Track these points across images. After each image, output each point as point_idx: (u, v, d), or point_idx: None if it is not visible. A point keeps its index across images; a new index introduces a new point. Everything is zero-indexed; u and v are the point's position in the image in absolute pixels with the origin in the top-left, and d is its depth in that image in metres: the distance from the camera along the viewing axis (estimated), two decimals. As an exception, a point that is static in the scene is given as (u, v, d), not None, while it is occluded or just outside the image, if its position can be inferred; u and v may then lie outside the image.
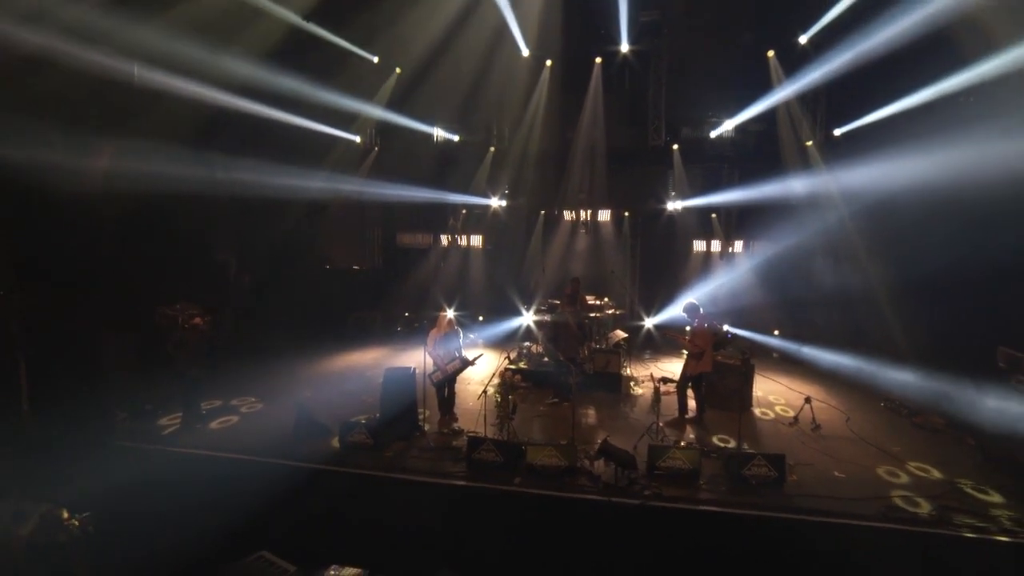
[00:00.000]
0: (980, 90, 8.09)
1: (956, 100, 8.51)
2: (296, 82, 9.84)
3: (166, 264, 9.08)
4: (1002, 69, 7.58)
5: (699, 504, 5.93)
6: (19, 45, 6.08)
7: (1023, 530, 5.37)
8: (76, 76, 6.66)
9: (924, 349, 9.23)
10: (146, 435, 7.35)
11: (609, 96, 12.02)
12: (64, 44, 6.47)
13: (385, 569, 4.70)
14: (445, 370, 7.68)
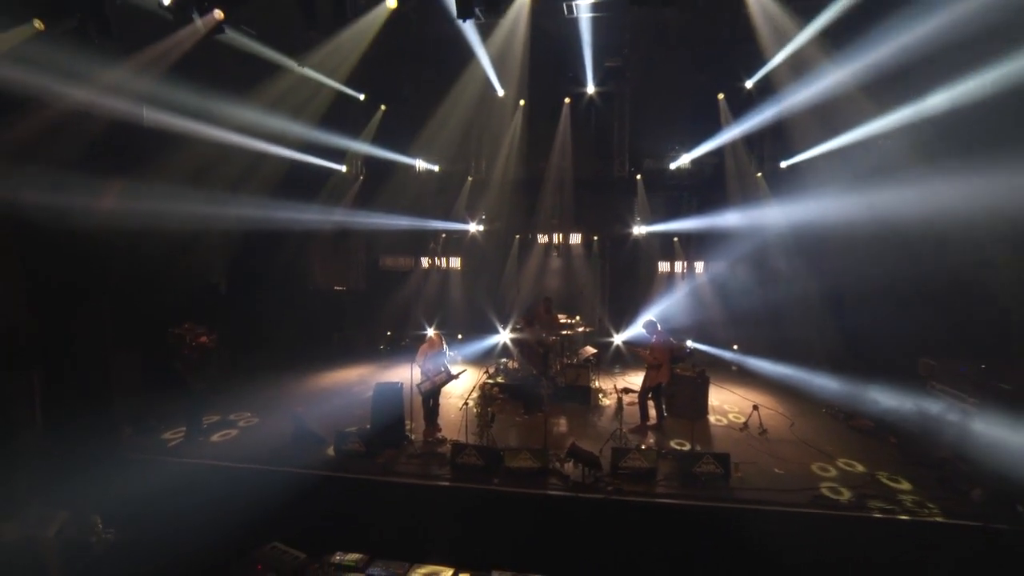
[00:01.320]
0: (895, 133, 9.30)
1: (876, 141, 9.74)
2: (288, 120, 10.68)
3: (167, 289, 9.70)
4: (908, 118, 8.79)
5: (655, 498, 6.78)
6: (65, 101, 6.79)
7: (922, 510, 6.38)
8: (98, 122, 7.37)
9: (857, 360, 10.36)
10: (152, 448, 7.96)
11: (577, 131, 13.13)
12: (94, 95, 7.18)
13: (384, 554, 5.47)
14: (434, 381, 8.46)
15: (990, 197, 6.88)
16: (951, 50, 6.61)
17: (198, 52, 7.47)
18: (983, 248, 7.43)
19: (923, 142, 8.32)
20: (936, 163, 7.84)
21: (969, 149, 7.33)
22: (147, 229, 9.05)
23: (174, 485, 6.95)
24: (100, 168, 7.57)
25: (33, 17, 6.42)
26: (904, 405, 8.74)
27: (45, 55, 6.46)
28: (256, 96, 9.99)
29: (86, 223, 8.05)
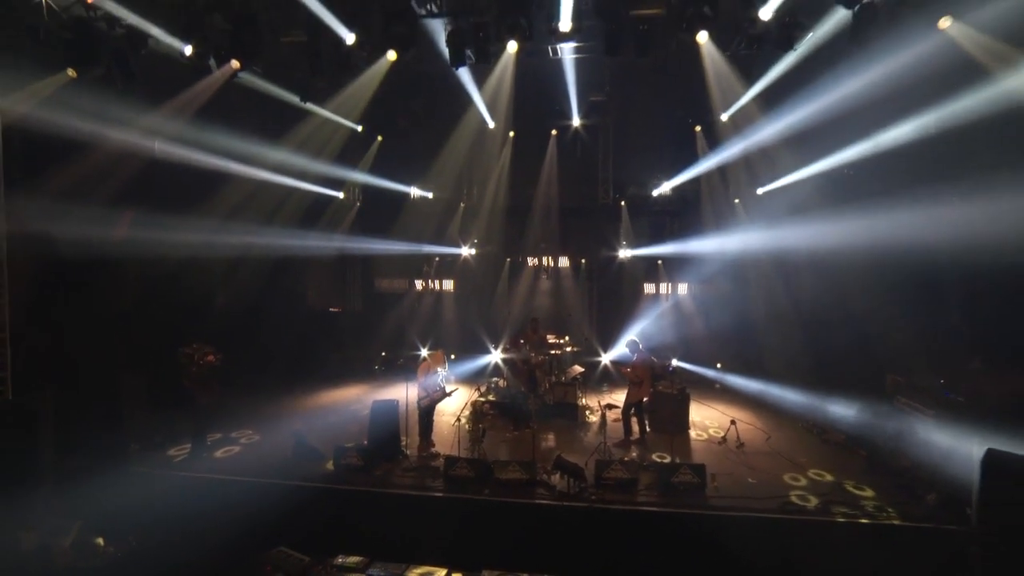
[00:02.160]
0: (857, 164, 10.03)
1: (842, 171, 10.47)
2: (290, 151, 11.35)
3: (172, 311, 10.17)
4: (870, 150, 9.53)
5: (636, 506, 7.26)
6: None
7: (882, 514, 6.90)
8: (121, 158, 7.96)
9: (830, 377, 10.91)
10: (158, 463, 8.36)
11: (564, 161, 13.86)
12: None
13: (382, 557, 5.91)
14: (432, 397, 8.95)
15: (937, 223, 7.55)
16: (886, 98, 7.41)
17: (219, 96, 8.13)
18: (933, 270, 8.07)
19: (878, 174, 9.06)
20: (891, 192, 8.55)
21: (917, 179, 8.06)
22: (155, 255, 9.58)
23: (183, 497, 7.36)
24: (120, 200, 8.06)
25: (67, 66, 7.06)
26: (872, 419, 9.27)
27: (87, 103, 7.09)
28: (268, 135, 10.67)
29: (100, 251, 8.59)
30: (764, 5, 6.00)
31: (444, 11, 6.77)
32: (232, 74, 7.77)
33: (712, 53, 7.73)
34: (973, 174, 7.21)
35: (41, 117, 7.03)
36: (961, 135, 7.16)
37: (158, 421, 9.27)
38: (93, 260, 8.54)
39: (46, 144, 7.23)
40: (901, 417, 8.84)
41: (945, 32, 6.17)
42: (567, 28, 6.48)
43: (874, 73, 6.98)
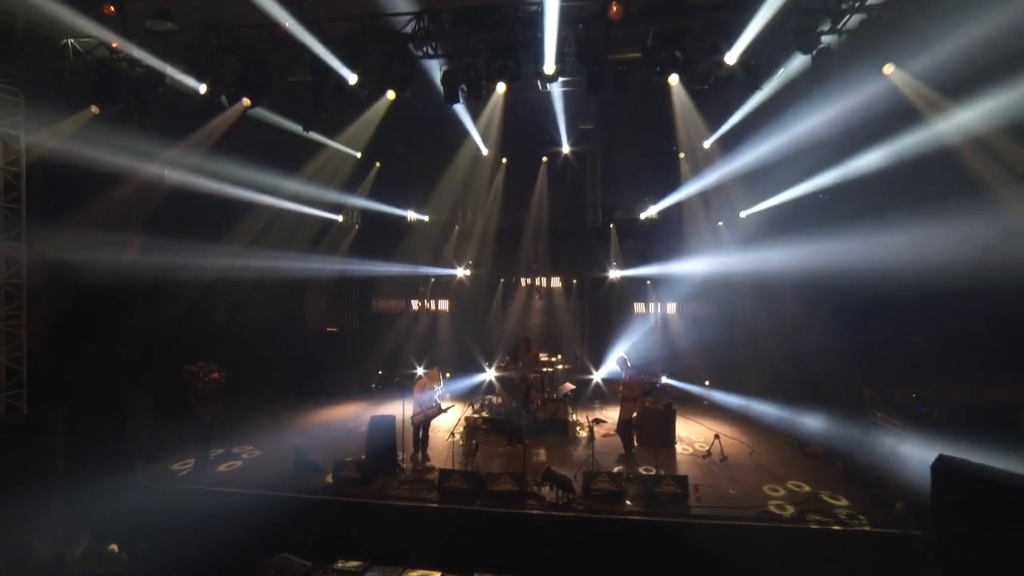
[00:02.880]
0: (830, 190, 10.61)
1: (817, 196, 11.04)
2: (293, 179, 11.94)
3: (180, 332, 10.59)
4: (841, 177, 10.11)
5: (621, 515, 7.65)
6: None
7: (853, 521, 7.30)
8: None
9: (811, 393, 11.36)
10: (162, 477, 8.70)
11: (554, 186, 14.47)
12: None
13: (380, 561, 6.27)
14: (426, 413, 9.35)
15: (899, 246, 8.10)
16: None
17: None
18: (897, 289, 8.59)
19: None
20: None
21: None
22: (162, 278, 10.03)
23: (189, 508, 7.69)
24: (132, 226, 8.56)
25: (90, 104, 7.62)
26: (843, 432, 9.71)
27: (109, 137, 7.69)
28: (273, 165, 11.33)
29: (111, 275, 9.05)
30: (729, 51, 6.61)
31: (439, 53, 7.36)
32: (243, 111, 8.34)
33: (681, 93, 8.39)
34: (932, 200, 7.77)
35: (66, 150, 7.59)
36: (918, 165, 7.74)
37: (163, 437, 9.62)
38: (104, 284, 8.99)
39: (68, 175, 7.75)
40: (872, 430, 9.31)
41: (889, 77, 6.80)
42: (551, 71, 7.06)
43: (834, 109, 7.57)
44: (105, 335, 9.21)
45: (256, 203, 11.72)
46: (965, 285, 6.75)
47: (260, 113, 8.72)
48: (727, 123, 10.61)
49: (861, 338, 10.52)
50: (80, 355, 8.97)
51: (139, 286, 9.76)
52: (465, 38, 6.98)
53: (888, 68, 6.73)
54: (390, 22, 7.15)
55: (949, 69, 6.07)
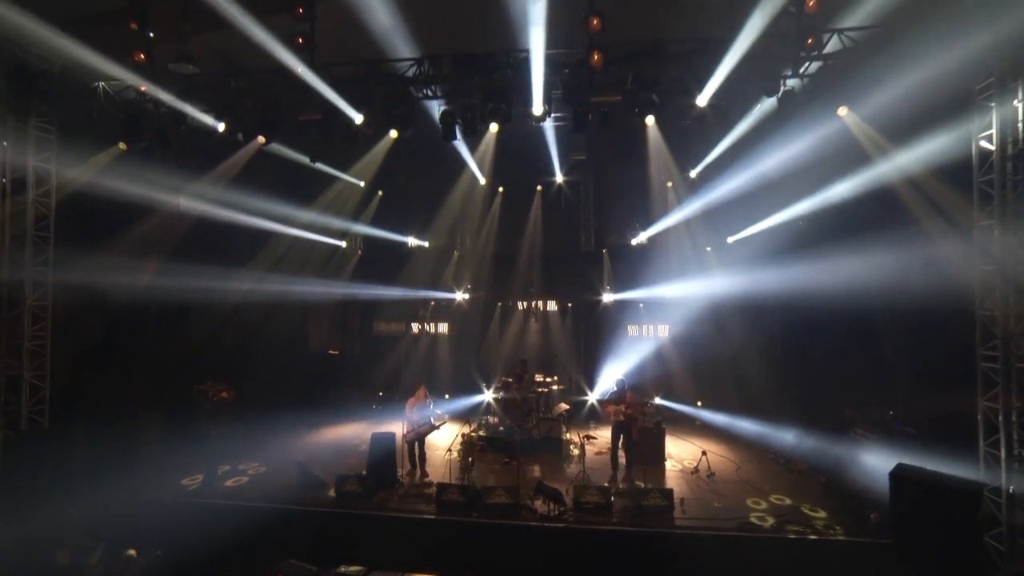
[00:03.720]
0: (809, 217, 11.22)
1: (796, 222, 11.64)
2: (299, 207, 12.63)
3: (191, 353, 11.10)
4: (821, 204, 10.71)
5: (609, 526, 8.05)
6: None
7: (829, 531, 7.70)
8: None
9: (797, 411, 11.79)
10: (172, 492, 9.11)
11: (549, 213, 15.14)
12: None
13: (382, 566, 6.68)
14: (418, 431, 9.79)
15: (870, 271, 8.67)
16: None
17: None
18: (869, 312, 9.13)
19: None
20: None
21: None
22: (175, 302, 10.58)
23: (198, 519, 8.09)
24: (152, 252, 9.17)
25: (118, 141, 8.32)
26: (830, 448, 10.11)
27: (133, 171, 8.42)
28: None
29: (127, 299, 9.61)
30: (700, 94, 7.27)
31: (438, 95, 8.04)
32: (258, 147, 9.03)
33: (656, 133, 9.12)
34: (904, 228, 8.36)
35: (94, 183, 8.29)
36: (887, 195, 8.36)
37: (172, 453, 10.04)
38: (122, 307, 9.55)
39: (94, 206, 8.39)
40: (852, 446, 9.72)
41: (843, 119, 7.47)
42: (539, 112, 7.73)
43: (806, 143, 8.23)
44: (121, 355, 9.72)
45: (266, 232, 12.37)
46: (920, 307, 7.29)
47: (273, 147, 9.38)
48: (709, 155, 11.25)
49: (839, 358, 11.05)
50: (97, 373, 9.46)
51: (154, 310, 10.29)
52: (461, 81, 7.67)
53: (842, 110, 7.41)
54: (393, 67, 7.86)
55: (889, 114, 6.74)
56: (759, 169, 10.27)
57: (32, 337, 8.47)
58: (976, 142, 6.61)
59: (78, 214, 8.83)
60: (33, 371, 8.46)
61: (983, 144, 6.54)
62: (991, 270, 6.41)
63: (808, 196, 10.28)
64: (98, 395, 9.30)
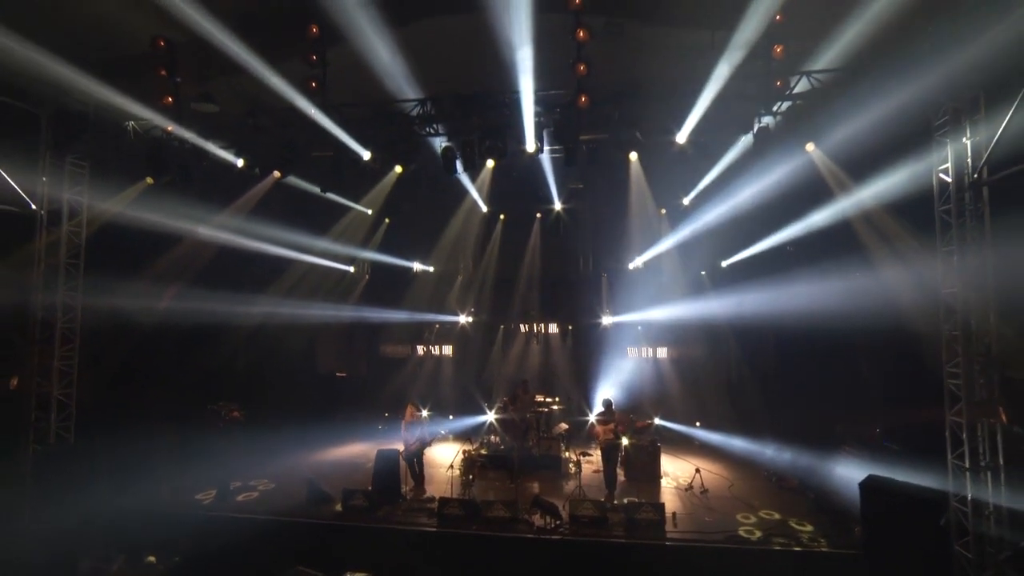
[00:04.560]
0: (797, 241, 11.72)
1: (784, 248, 12.14)
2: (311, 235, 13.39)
3: (205, 374, 11.66)
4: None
5: (603, 539, 8.42)
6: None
7: (814, 544, 8.04)
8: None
9: (786, 430, 12.13)
10: (188, 505, 9.56)
11: (548, 239, 15.73)
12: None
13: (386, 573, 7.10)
14: (409, 449, 10.26)
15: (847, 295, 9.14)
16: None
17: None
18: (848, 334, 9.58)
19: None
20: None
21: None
22: (191, 324, 11.18)
23: (213, 531, 8.55)
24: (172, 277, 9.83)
25: (146, 175, 9.07)
26: (818, 465, 10.44)
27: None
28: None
29: (146, 322, 10.23)
30: (679, 132, 7.87)
31: (440, 132, 8.70)
32: (275, 181, 9.75)
33: (637, 168, 9.80)
34: (878, 253, 8.87)
35: (123, 213, 9.05)
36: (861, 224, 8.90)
37: (187, 469, 10.52)
38: (143, 329, 10.16)
39: (122, 235, 9.10)
40: (836, 462, 10.03)
41: (810, 154, 8.05)
42: (532, 149, 8.37)
43: (780, 175, 8.81)
44: (142, 376, 10.29)
45: (281, 259, 13.07)
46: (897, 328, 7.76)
47: (287, 178, 10.09)
48: (700, 183, 11.82)
49: (830, 377, 11.44)
50: (119, 391, 10.03)
51: (174, 333, 10.89)
52: (461, 120, 8.33)
53: (810, 146, 7.98)
54: (399, 107, 8.54)
55: (857, 149, 7.31)
56: (746, 196, 10.80)
57: (61, 358, 9.08)
58: (936, 174, 7.13)
59: (107, 243, 9.51)
60: (61, 389, 9.05)
61: (942, 176, 7.07)
62: (952, 293, 6.87)
63: (792, 223, 10.80)
64: (120, 413, 9.81)
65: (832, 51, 7.21)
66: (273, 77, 8.20)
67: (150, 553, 7.46)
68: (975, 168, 6.53)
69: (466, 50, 7.98)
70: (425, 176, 10.93)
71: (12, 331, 8.60)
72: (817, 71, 7.48)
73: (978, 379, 6.59)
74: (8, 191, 8.44)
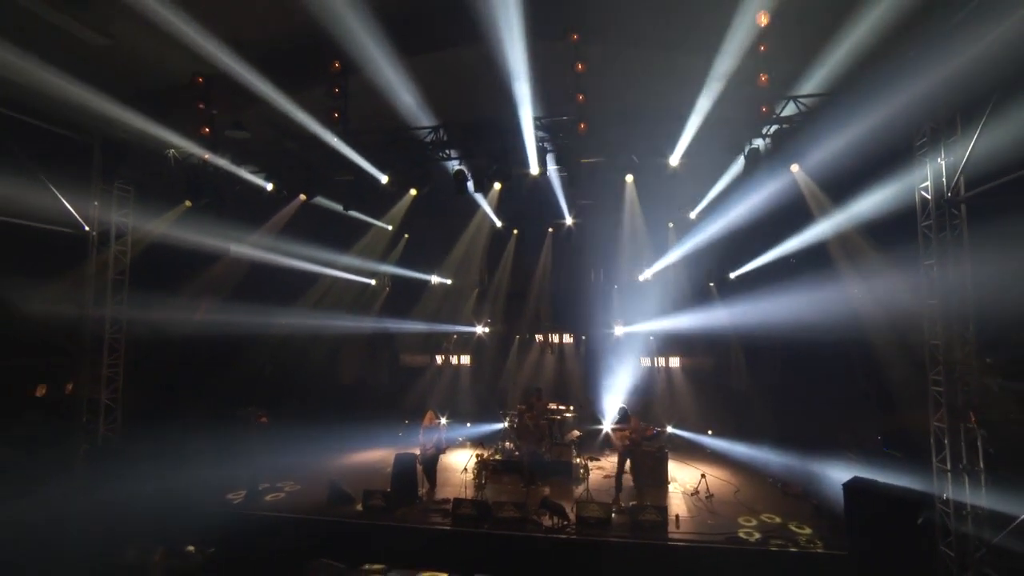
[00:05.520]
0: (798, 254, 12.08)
1: (788, 259, 12.49)
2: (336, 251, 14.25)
3: (235, 381, 12.46)
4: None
5: (608, 538, 8.88)
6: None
7: (810, 545, 8.37)
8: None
9: (794, 437, 12.40)
10: (220, 504, 10.28)
11: (560, 252, 16.33)
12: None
13: (398, 566, 7.67)
14: (426, 452, 10.84)
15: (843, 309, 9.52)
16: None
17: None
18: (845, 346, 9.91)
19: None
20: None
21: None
22: (221, 335, 12.00)
23: (243, 527, 9.24)
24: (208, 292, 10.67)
25: (185, 199, 9.96)
26: (821, 472, 10.73)
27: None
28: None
29: (182, 332, 11.06)
30: (672, 155, 8.39)
31: (451, 156, 9.37)
32: (301, 204, 10.57)
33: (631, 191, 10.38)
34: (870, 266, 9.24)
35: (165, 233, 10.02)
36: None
37: (219, 470, 11.26)
38: (178, 340, 10.99)
39: (163, 253, 10.01)
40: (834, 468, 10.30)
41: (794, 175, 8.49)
42: (535, 172, 9.01)
43: (772, 191, 9.26)
44: (179, 381, 11.12)
45: (308, 273, 13.93)
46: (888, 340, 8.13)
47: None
48: (705, 198, 12.28)
49: (828, 387, 11.75)
50: (159, 396, 10.86)
51: (209, 343, 11.71)
52: (470, 146, 9.00)
53: (795, 167, 8.42)
54: (414, 134, 9.25)
55: (841, 169, 7.74)
56: (747, 210, 11.22)
57: (108, 366, 9.96)
58: (918, 191, 7.52)
59: (150, 261, 10.40)
60: (109, 394, 9.92)
61: (923, 193, 7.45)
62: (934, 304, 7.23)
63: (792, 236, 11.20)
64: (159, 416, 10.62)
65: (817, 76, 7.67)
66: (298, 111, 8.97)
67: (189, 544, 8.16)
68: (949, 186, 6.91)
69: (472, 80, 8.66)
70: (440, 195, 11.59)
71: (67, 341, 9.48)
72: (804, 96, 7.94)
73: (959, 386, 6.93)
74: (64, 214, 9.36)
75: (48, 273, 9.23)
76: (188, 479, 10.39)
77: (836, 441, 11.13)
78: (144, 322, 10.34)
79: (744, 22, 6.82)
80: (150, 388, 10.77)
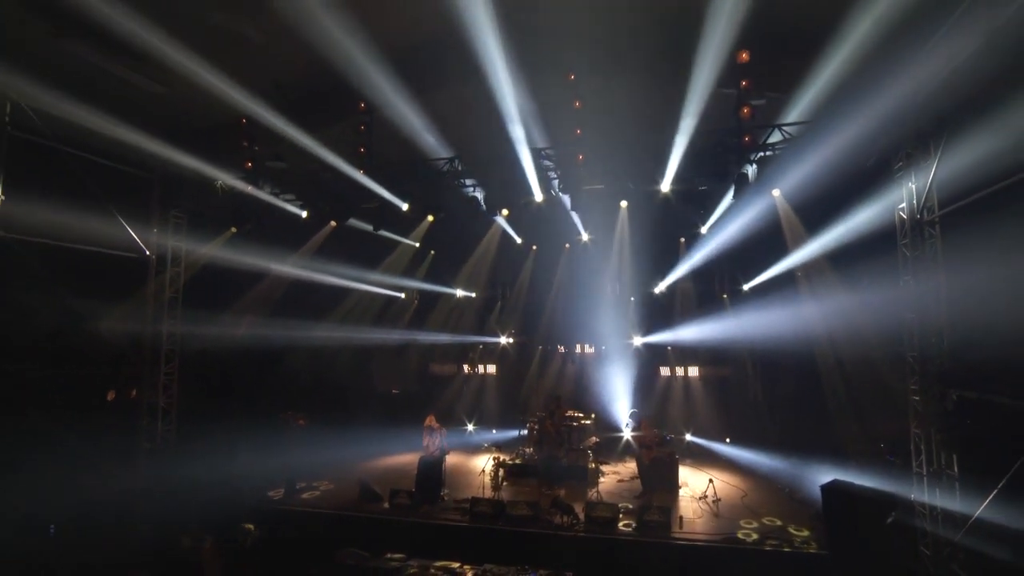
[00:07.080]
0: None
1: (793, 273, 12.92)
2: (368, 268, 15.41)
3: (276, 388, 13.64)
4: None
5: (614, 536, 9.53)
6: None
7: (802, 547, 8.83)
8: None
9: (804, 445, 12.77)
10: (262, 501, 11.34)
11: (578, 266, 17.05)
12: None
13: (416, 556, 8.53)
14: (431, 453, 11.69)
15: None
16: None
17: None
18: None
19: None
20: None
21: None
22: (265, 346, 13.18)
23: (284, 522, 10.27)
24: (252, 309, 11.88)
25: (231, 225, 11.25)
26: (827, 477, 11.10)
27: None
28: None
29: (231, 344, 12.27)
30: (662, 181, 9.06)
31: (466, 184, 10.29)
32: (332, 229, 11.73)
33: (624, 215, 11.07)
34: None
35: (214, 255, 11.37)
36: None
37: (261, 469, 12.36)
38: (226, 351, 12.20)
39: (212, 273, 11.31)
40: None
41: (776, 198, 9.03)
42: (539, 199, 9.84)
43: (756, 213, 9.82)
44: (228, 388, 12.34)
45: (342, 289, 15.11)
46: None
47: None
48: (714, 214, 12.84)
49: (843, 395, 12.11)
50: (209, 402, 12.09)
51: (253, 353, 12.93)
52: (482, 175, 9.90)
53: (775, 191, 8.96)
54: (431, 164, 10.21)
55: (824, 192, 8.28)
56: (747, 226, 11.74)
57: (165, 374, 11.24)
58: (897, 212, 8.00)
59: (200, 280, 11.69)
60: (165, 399, 11.19)
61: (901, 214, 7.94)
62: (913, 318, 7.70)
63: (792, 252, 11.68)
64: (210, 420, 11.80)
65: (800, 105, 8.25)
66: (326, 150, 10.02)
67: (247, 522, 9.30)
68: (919, 207, 7.40)
69: (485, 114, 9.52)
70: (463, 215, 12.52)
71: (131, 352, 10.80)
72: (789, 124, 8.52)
73: (934, 396, 7.38)
74: (128, 241, 10.68)
75: (115, 293, 10.57)
76: (234, 476, 11.53)
77: (845, 449, 11.52)
78: (196, 335, 11.59)
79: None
80: (201, 394, 12.01)
